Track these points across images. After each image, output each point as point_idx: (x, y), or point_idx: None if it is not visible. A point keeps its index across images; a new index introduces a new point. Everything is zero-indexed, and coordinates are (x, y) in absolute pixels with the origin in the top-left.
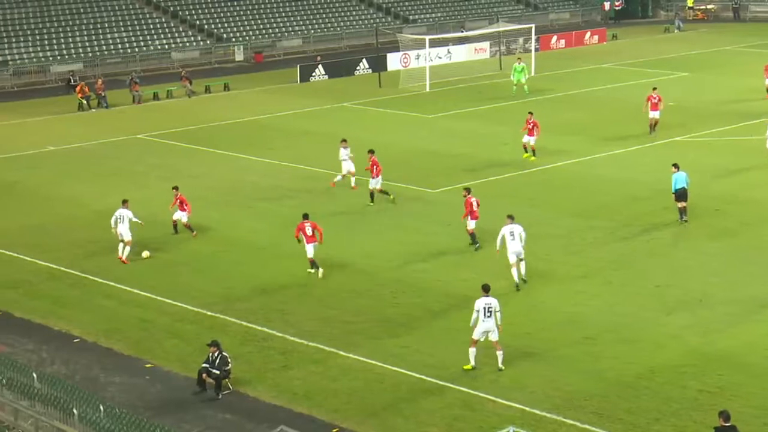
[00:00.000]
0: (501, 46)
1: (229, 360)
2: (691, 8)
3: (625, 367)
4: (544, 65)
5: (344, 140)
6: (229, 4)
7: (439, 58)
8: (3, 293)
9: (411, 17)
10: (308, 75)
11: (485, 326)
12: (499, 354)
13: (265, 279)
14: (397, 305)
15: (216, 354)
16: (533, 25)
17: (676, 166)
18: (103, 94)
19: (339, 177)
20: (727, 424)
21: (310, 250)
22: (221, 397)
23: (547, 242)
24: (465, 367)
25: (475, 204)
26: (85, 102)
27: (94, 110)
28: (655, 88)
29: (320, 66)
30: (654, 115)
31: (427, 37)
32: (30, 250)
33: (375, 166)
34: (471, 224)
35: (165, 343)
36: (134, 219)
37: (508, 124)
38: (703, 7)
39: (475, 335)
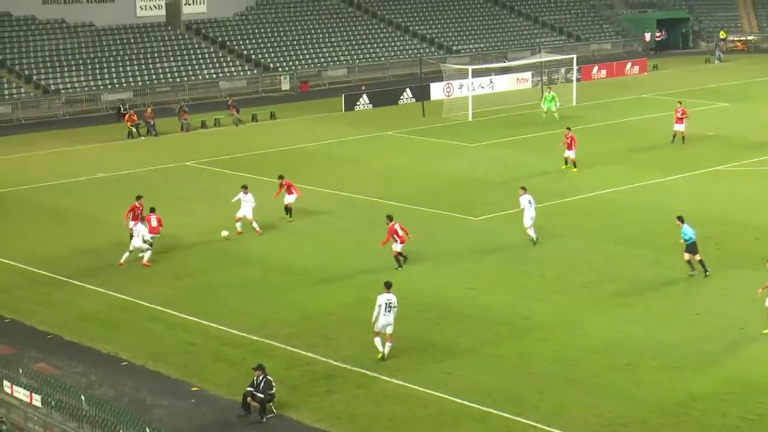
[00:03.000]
0: (543, 76)
1: (273, 384)
2: (723, 40)
3: (665, 393)
4: (586, 95)
5: (245, 186)
6: (275, 34)
7: (482, 87)
8: (54, 316)
9: (454, 47)
10: (353, 104)
11: (385, 320)
12: (388, 345)
13: (309, 303)
14: (441, 331)
15: (261, 377)
16: (575, 56)
17: (681, 219)
18: (152, 122)
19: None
20: None
21: (399, 247)
22: (265, 420)
23: (589, 269)
24: (377, 357)
25: (399, 230)
26: (134, 130)
27: (143, 138)
28: (680, 102)
29: (365, 95)
30: (678, 128)
31: (470, 67)
32: (80, 274)
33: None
34: (397, 247)
35: (211, 367)
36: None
37: (549, 152)
38: (744, 38)
39: (377, 328)
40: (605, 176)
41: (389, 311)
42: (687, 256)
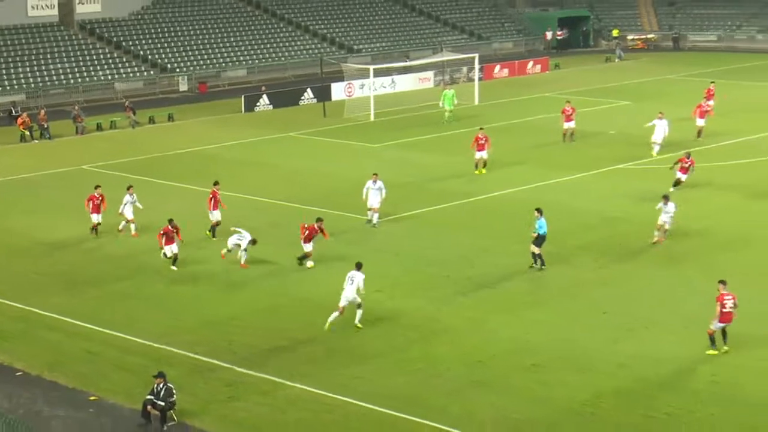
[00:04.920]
0: (445, 75)
1: (174, 391)
2: (617, 38)
3: (571, 393)
4: (488, 94)
5: (130, 186)
6: (172, 34)
7: (384, 87)
8: None
9: (355, 47)
10: (253, 105)
11: (347, 293)
12: (359, 313)
13: (212, 310)
14: (348, 335)
15: (161, 385)
16: (477, 55)
17: (539, 211)
18: (45, 125)
19: (123, 224)
20: None
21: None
22: (166, 428)
23: (497, 270)
24: (325, 327)
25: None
26: (27, 133)
27: (36, 141)
28: (568, 101)
29: (265, 96)
30: (568, 125)
31: (372, 67)
32: None
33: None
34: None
35: (111, 376)
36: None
37: (454, 153)
38: (643, 37)
39: (340, 304)
40: (509, 176)
41: (351, 284)
42: (534, 248)
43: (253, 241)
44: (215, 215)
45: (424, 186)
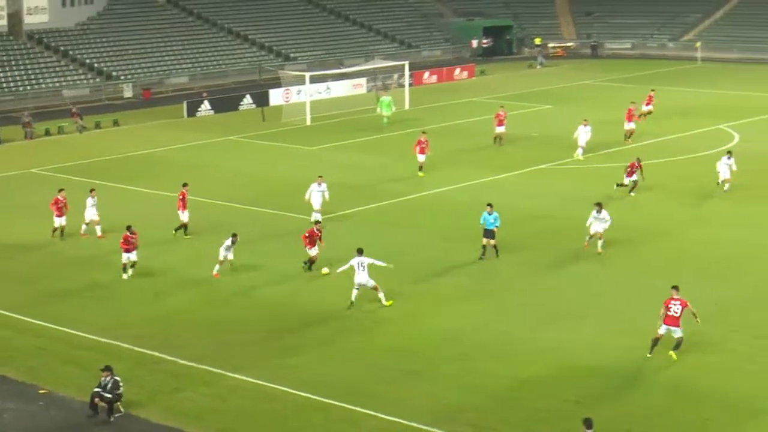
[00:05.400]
0: (377, 81)
1: (121, 384)
2: (540, 46)
3: (498, 380)
4: (418, 99)
5: (92, 189)
6: (117, 44)
7: (319, 93)
8: None
9: (292, 55)
10: (195, 110)
11: (361, 278)
12: (381, 295)
13: (158, 305)
14: (286, 327)
15: (108, 378)
16: (407, 62)
17: (490, 205)
18: None
19: (84, 227)
20: (590, 431)
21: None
22: (113, 419)
23: (425, 265)
24: (348, 304)
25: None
26: None
27: None
28: (502, 106)
29: (206, 101)
30: (499, 130)
31: (308, 74)
32: None
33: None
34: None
35: (60, 370)
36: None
37: (387, 154)
38: (563, 45)
39: (357, 286)
40: (440, 176)
41: (363, 269)
42: (484, 240)
43: (234, 236)
44: (184, 216)
45: (360, 186)
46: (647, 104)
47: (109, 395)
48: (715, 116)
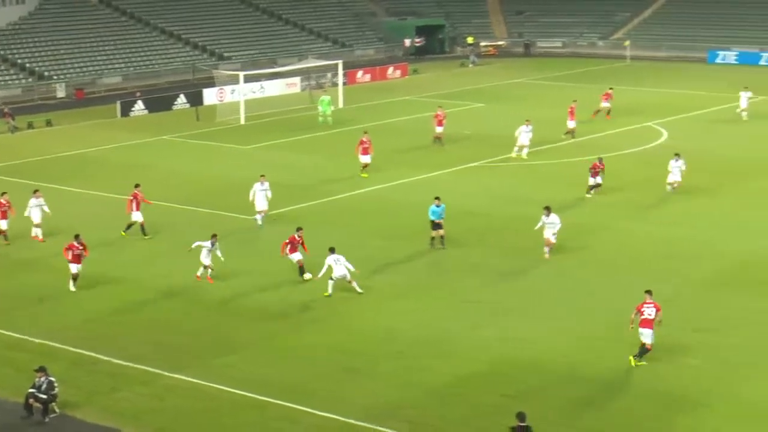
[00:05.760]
0: (311, 80)
1: (56, 384)
2: (472, 45)
3: (435, 377)
4: (352, 98)
5: (36, 190)
6: (49, 43)
7: (253, 92)
8: None
9: (226, 54)
10: (128, 110)
11: (339, 271)
12: (355, 284)
13: (94, 306)
14: (222, 326)
15: (42, 379)
16: (340, 61)
17: (437, 198)
18: None
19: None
20: (522, 424)
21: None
22: (48, 420)
23: (360, 263)
24: (324, 294)
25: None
26: None
27: None
28: (440, 107)
29: (140, 101)
30: (438, 130)
31: (241, 73)
32: None
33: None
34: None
35: None
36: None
37: (321, 153)
38: (495, 44)
39: (334, 279)
40: (373, 174)
41: (339, 264)
42: (433, 233)
43: (213, 237)
44: (137, 216)
45: (293, 185)
46: (605, 100)
47: (43, 396)
48: (644, 114)
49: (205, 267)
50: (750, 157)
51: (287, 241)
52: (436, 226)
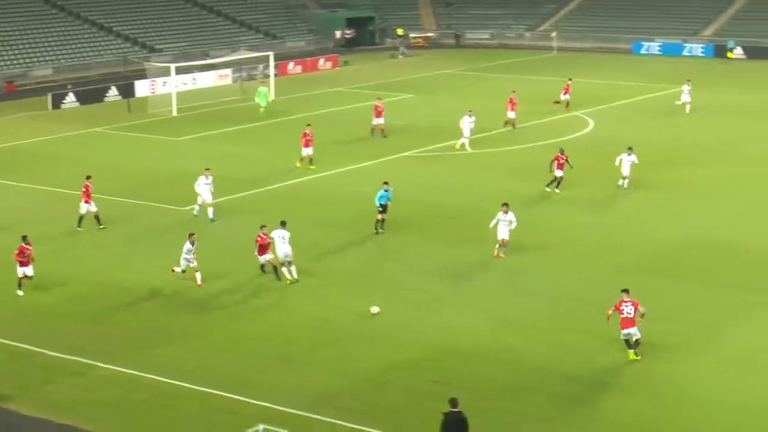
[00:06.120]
0: (242, 72)
1: None
2: (402, 37)
3: (370, 365)
4: (283, 89)
5: None
6: None
7: (185, 84)
8: None
9: (157, 46)
10: (59, 102)
11: (282, 250)
12: (294, 268)
13: (27, 299)
14: (157, 317)
15: None
16: (272, 53)
17: (386, 183)
18: None
19: None
20: (454, 409)
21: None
22: None
23: (298, 253)
24: (287, 283)
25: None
26: None
27: None
28: (379, 98)
29: (71, 93)
30: (377, 121)
31: (173, 65)
32: None
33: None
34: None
35: None
36: None
37: (253, 144)
38: (424, 35)
39: (280, 259)
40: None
41: (284, 241)
42: (379, 216)
43: (191, 236)
44: (87, 207)
45: (226, 176)
46: (565, 93)
47: None
48: (571, 104)
49: (184, 271)
50: (679, 145)
51: (257, 240)
52: (382, 209)
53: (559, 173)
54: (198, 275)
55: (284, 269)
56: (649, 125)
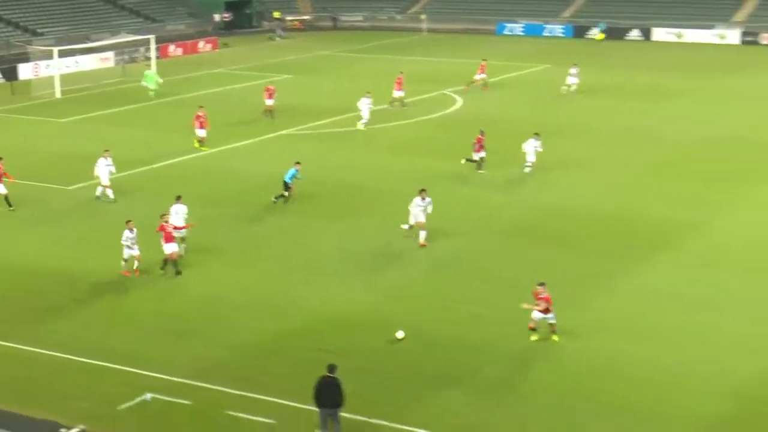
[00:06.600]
0: (124, 55)
1: None
2: (280, 20)
3: (257, 336)
4: (165, 72)
5: None
6: None
7: (68, 67)
8: None
9: (39, 30)
10: None
11: (176, 222)
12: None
13: None
14: (51, 296)
15: None
16: (153, 36)
17: (297, 162)
18: None
19: None
20: (331, 375)
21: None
22: None
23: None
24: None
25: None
26: None
27: None
28: (270, 82)
29: None
30: (269, 103)
31: (55, 48)
32: None
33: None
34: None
35: None
36: None
37: (136, 125)
38: (300, 18)
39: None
40: (181, 143)
41: (179, 215)
42: (286, 193)
43: (128, 223)
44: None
45: (113, 155)
46: (481, 72)
47: None
48: (440, 82)
49: (126, 260)
50: (542, 120)
51: (162, 231)
52: (287, 186)
53: (479, 155)
54: (136, 263)
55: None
56: (515, 101)
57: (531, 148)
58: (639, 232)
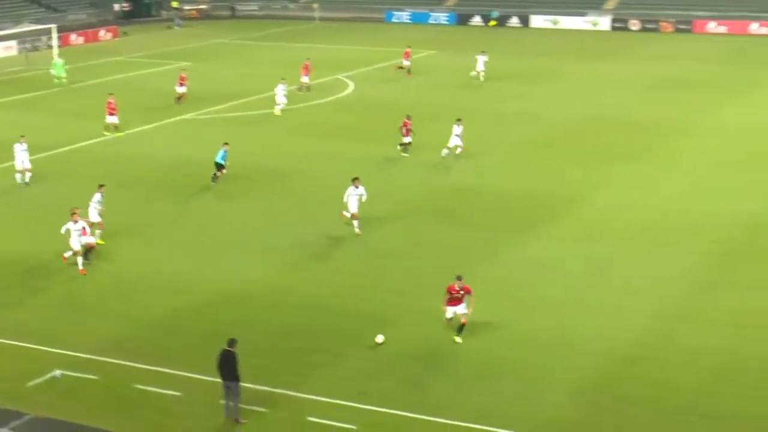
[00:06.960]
0: (27, 44)
1: None
2: (178, 9)
3: (159, 312)
4: (67, 60)
5: None
6: None
7: None
8: None
9: None
10: None
11: (94, 216)
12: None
13: None
14: None
15: None
16: (54, 25)
17: (226, 143)
18: None
19: None
20: (229, 348)
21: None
22: None
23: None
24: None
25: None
26: None
27: None
28: (184, 69)
29: None
30: (180, 90)
31: None
32: None
33: None
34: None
35: None
36: None
37: (39, 112)
38: (197, 7)
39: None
40: (88, 128)
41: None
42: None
43: (73, 214)
44: None
45: (8, 141)
46: (406, 59)
47: None
48: (333, 68)
49: (75, 252)
50: (430, 102)
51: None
52: (219, 166)
53: (407, 139)
54: (98, 233)
55: (97, 233)
56: (405, 86)
57: (454, 134)
58: (517, 209)
